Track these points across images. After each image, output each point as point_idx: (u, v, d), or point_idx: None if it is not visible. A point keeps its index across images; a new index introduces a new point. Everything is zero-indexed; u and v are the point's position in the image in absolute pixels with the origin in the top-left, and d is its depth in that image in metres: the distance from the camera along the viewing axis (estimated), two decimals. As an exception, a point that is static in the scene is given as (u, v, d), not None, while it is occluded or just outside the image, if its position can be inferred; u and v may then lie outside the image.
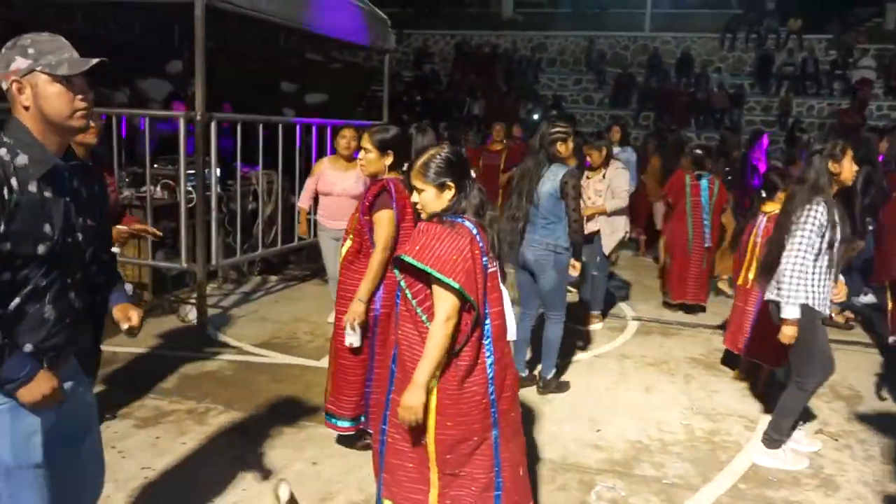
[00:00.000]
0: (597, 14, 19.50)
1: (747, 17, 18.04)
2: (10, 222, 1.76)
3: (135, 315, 2.14)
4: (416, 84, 18.25)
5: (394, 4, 16.19)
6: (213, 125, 5.46)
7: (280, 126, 6.42)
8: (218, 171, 5.80)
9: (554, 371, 4.60)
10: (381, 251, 3.27)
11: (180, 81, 14.64)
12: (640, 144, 12.12)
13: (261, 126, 6.22)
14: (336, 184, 5.28)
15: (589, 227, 5.66)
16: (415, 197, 2.51)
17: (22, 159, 1.81)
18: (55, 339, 1.92)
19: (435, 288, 2.35)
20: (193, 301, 5.73)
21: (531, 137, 9.52)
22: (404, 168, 3.31)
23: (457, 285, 2.31)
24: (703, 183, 6.36)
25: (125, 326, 2.13)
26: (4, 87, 1.86)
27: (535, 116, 15.95)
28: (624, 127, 9.77)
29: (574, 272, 4.39)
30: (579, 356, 5.38)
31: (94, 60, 1.86)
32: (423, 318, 2.41)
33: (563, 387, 4.63)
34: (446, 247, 2.34)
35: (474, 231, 2.41)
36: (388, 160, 3.38)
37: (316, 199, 5.52)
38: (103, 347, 3.52)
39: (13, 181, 1.78)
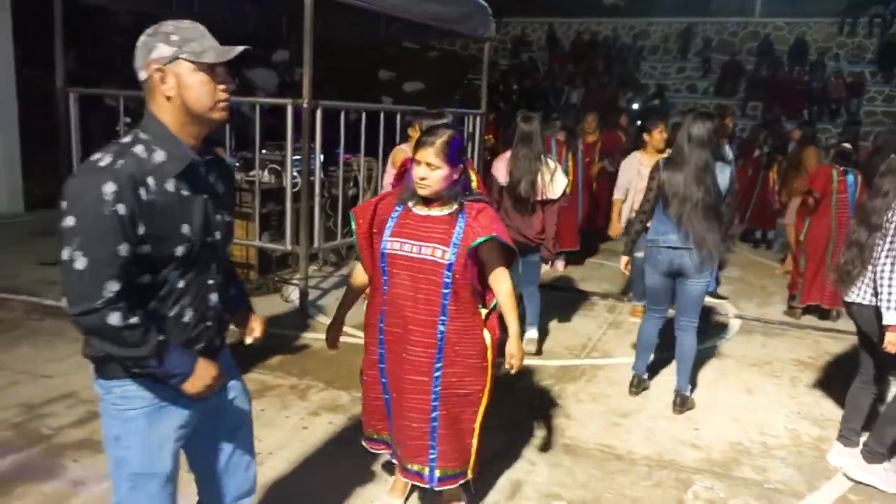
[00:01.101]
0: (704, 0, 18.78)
1: (869, 0, 16.91)
2: (148, 224, 1.67)
3: (258, 326, 2.10)
4: (512, 72, 18.15)
5: (494, -8, 16.13)
6: (318, 112, 5.63)
7: (381, 114, 6.54)
8: (321, 157, 5.98)
9: (690, 387, 4.30)
10: None
11: (286, 70, 15.17)
12: (746, 136, 11.62)
13: (364, 114, 6.36)
14: None
15: None
16: (422, 172, 2.53)
17: (159, 155, 1.72)
18: (195, 343, 1.87)
19: (502, 259, 2.69)
20: (296, 282, 5.95)
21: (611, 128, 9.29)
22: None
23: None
24: (850, 178, 5.92)
25: (249, 340, 2.09)
26: (143, 76, 1.75)
27: (635, 106, 15.58)
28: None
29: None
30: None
31: (239, 49, 1.77)
32: (478, 289, 2.68)
33: (692, 403, 4.31)
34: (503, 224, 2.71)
35: None
36: None
37: None
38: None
39: (150, 180, 1.68)
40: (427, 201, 2.60)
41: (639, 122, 6.67)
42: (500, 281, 2.67)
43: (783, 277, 7.80)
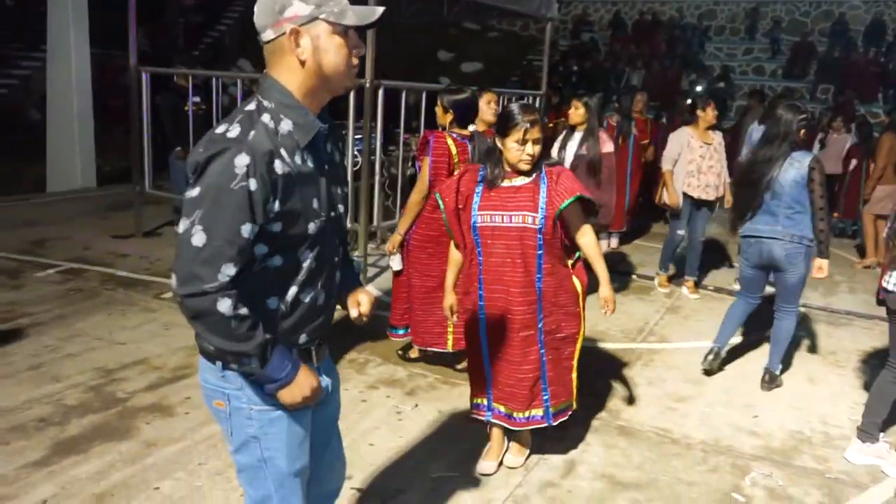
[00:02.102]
0: (775, -23, 18.08)
1: (955, -22, 16.03)
2: (283, 200, 1.53)
3: (366, 301, 1.89)
4: (573, 53, 17.88)
5: (555, -29, 15.89)
6: (380, 92, 5.69)
7: (441, 94, 6.56)
8: (381, 136, 6.05)
9: (780, 367, 4.38)
10: (417, 192, 3.93)
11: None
12: (816, 122, 11.21)
13: (424, 94, 6.40)
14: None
15: (712, 191, 5.87)
16: (531, 149, 2.83)
17: (286, 125, 1.55)
18: (325, 326, 1.77)
19: (582, 212, 2.93)
20: (355, 259, 6.06)
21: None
22: (470, 127, 4.02)
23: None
24: None
25: (354, 313, 1.89)
26: (271, 35, 1.56)
27: (699, 88, 15.19)
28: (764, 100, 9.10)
29: (821, 273, 4.09)
30: (735, 340, 5.15)
31: (381, 9, 1.60)
32: (565, 243, 2.95)
33: (780, 381, 4.40)
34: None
35: None
36: (449, 117, 4.00)
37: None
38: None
39: (283, 152, 1.53)
40: (515, 173, 2.88)
41: (688, 102, 6.65)
42: (586, 234, 2.95)
43: (854, 269, 7.55)
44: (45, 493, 2.85)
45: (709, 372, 4.44)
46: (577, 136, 5.29)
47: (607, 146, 5.34)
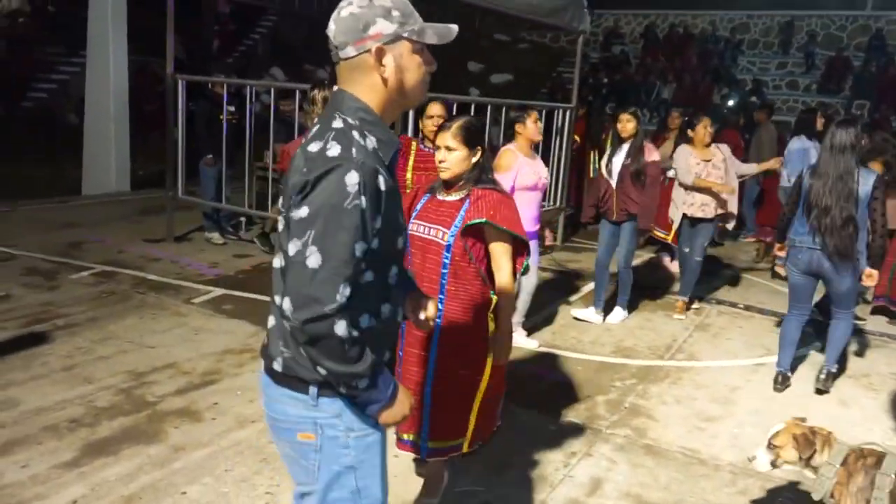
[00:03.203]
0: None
1: None
2: (383, 216, 1.53)
3: (431, 305, 1.87)
4: (603, 65, 17.84)
5: (588, -16, 15.90)
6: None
7: (472, 105, 6.58)
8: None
9: (836, 366, 4.57)
10: None
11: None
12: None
13: (455, 105, 6.41)
14: (540, 175, 4.77)
15: (710, 209, 5.71)
16: (441, 155, 2.68)
17: (371, 142, 1.53)
18: (395, 344, 1.76)
19: (504, 247, 2.68)
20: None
21: (727, 127, 8.97)
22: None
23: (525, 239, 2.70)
24: None
25: (422, 317, 1.86)
26: (352, 52, 1.54)
27: (731, 102, 15.05)
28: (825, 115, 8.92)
29: (871, 281, 4.25)
30: (766, 359, 5.08)
31: (455, 27, 1.61)
32: (483, 274, 2.71)
33: (832, 383, 4.58)
34: (513, 209, 2.71)
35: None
36: None
37: None
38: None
39: (381, 168, 1.53)
40: (448, 186, 2.73)
41: (685, 119, 6.57)
42: (499, 269, 2.70)
43: None
44: (76, 493, 2.89)
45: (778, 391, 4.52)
46: (625, 147, 5.37)
47: (653, 155, 5.40)
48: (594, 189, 5.69)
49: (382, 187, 1.51)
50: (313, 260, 1.43)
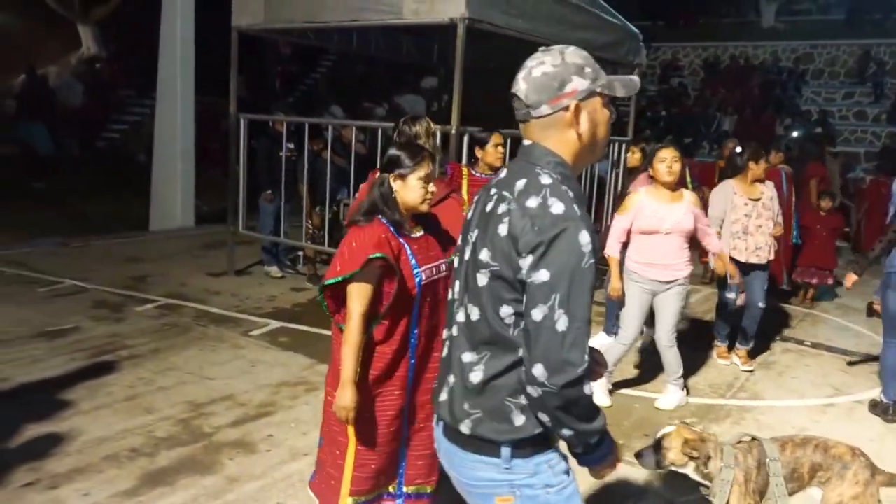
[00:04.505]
0: (876, 20, 17.41)
1: None
2: None
3: None
4: (660, 98, 17.68)
5: (644, 18, 15.87)
6: (465, 138, 5.78)
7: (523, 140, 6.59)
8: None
9: None
10: None
11: (433, 96, 15.68)
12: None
13: (508, 140, 6.44)
14: (665, 218, 4.26)
15: (763, 254, 5.15)
16: (433, 186, 2.53)
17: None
18: None
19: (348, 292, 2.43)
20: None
21: (810, 159, 8.67)
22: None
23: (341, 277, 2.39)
24: None
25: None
26: (547, 111, 1.55)
27: (795, 133, 14.68)
28: None
29: None
30: (835, 400, 4.85)
31: (638, 80, 1.65)
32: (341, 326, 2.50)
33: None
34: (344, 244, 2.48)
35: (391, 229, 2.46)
36: None
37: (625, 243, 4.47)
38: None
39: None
40: (415, 220, 2.55)
41: (738, 149, 5.85)
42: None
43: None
44: (133, 522, 2.95)
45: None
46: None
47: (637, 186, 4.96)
48: None
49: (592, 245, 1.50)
50: (562, 324, 1.43)
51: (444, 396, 1.67)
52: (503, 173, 1.65)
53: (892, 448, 4.13)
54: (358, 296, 2.37)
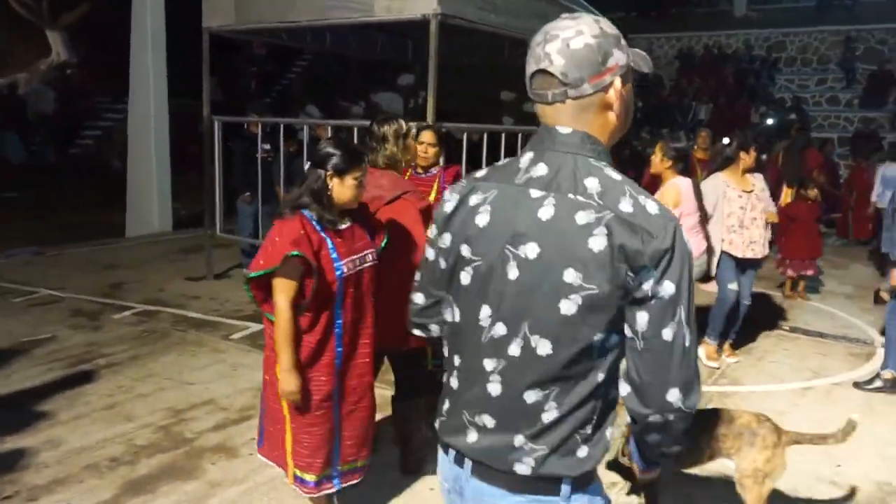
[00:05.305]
0: (846, 5, 17.60)
1: None
2: None
3: None
4: (637, 89, 17.77)
5: (618, 9, 15.92)
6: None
7: (503, 134, 6.60)
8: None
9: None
10: None
11: (410, 93, 15.64)
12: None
13: (485, 135, 6.45)
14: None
15: (758, 248, 5.08)
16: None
17: None
18: None
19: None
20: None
21: (808, 147, 8.72)
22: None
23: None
24: None
25: None
26: (589, 90, 1.33)
27: (769, 121, 14.83)
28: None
29: None
30: (814, 382, 4.91)
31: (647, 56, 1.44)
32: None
33: None
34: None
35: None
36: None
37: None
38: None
39: None
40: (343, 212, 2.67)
41: (725, 140, 5.73)
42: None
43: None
44: (114, 532, 2.92)
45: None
46: None
47: None
48: None
49: None
50: (689, 339, 1.30)
51: (473, 437, 1.43)
52: (528, 166, 1.38)
53: (872, 429, 4.18)
54: (281, 290, 2.51)
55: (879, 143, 12.21)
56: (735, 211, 5.00)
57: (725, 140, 5.09)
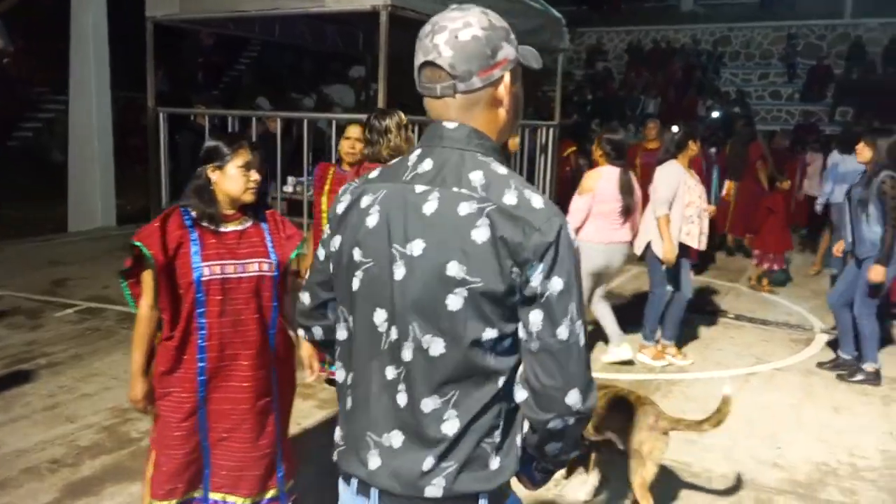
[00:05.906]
0: (788, 2, 18.10)
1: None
2: None
3: None
4: (587, 82, 17.97)
5: (568, 3, 16.07)
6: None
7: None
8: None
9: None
10: None
11: (362, 86, 15.49)
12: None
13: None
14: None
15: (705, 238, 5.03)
16: (256, 175, 2.42)
17: None
18: None
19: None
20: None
21: (712, 137, 8.96)
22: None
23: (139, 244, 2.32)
24: None
25: None
26: (478, 84, 1.30)
27: (715, 114, 15.16)
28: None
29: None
30: (757, 368, 5.06)
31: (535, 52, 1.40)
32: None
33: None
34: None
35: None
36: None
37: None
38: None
39: None
40: (228, 216, 2.41)
41: (675, 128, 5.75)
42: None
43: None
44: (56, 536, 2.83)
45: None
46: None
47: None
48: None
49: None
50: (582, 337, 1.26)
51: (375, 462, 1.33)
52: (416, 163, 1.34)
53: (811, 412, 4.33)
54: (143, 284, 2.39)
55: (818, 137, 12.60)
56: (695, 200, 4.88)
57: (674, 128, 5.15)
